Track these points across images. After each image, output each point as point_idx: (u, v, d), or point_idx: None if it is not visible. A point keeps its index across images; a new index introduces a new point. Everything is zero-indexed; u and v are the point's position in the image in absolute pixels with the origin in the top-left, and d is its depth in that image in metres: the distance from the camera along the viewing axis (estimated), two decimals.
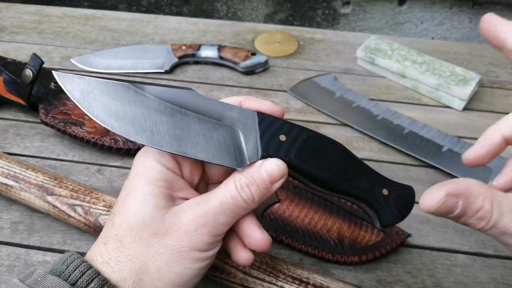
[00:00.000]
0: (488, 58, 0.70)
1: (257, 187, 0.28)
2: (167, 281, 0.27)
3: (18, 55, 0.65)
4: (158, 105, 0.28)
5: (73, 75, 0.27)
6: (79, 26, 0.73)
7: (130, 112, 0.27)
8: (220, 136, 0.28)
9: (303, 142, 0.29)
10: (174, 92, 0.28)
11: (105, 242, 0.28)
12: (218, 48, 0.65)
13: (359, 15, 1.06)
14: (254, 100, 0.31)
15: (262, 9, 1.08)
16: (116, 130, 0.27)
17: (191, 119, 0.28)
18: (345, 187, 0.30)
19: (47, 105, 0.53)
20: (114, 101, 0.27)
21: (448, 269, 0.41)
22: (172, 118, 0.28)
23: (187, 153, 0.27)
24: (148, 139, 0.27)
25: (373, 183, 0.30)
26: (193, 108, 0.28)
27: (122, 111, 0.27)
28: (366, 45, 0.67)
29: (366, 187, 0.30)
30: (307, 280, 0.35)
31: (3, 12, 0.75)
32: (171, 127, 0.27)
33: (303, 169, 0.29)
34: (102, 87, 0.27)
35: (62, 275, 0.27)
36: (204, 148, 0.28)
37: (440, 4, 1.01)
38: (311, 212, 0.43)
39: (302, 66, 0.67)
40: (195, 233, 0.27)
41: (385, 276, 0.41)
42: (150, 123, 0.27)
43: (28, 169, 0.42)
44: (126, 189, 0.29)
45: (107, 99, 0.27)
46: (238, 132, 0.29)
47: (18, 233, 0.43)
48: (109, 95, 0.27)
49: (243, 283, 0.35)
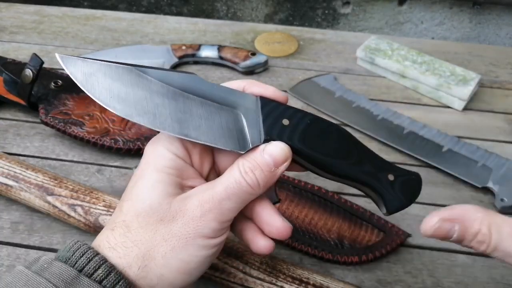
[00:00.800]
0: (488, 58, 0.70)
1: (261, 171, 0.27)
2: (172, 268, 0.27)
3: (18, 55, 0.65)
4: (160, 88, 0.28)
5: (76, 57, 0.27)
6: (79, 26, 0.73)
7: (132, 94, 0.27)
8: (223, 119, 0.28)
9: (306, 126, 0.29)
10: (177, 76, 0.29)
11: (113, 228, 0.28)
12: (218, 48, 0.65)
13: (359, 15, 1.06)
14: (258, 85, 0.30)
15: (262, 9, 1.08)
16: (118, 112, 0.27)
17: (193, 103, 0.28)
18: (349, 171, 0.30)
19: (47, 105, 0.52)
20: (116, 84, 0.27)
21: (448, 269, 0.41)
22: (174, 101, 0.28)
23: (189, 136, 0.27)
24: (150, 121, 0.27)
25: (377, 168, 0.30)
26: (196, 92, 0.28)
27: (125, 93, 0.27)
28: (366, 45, 0.67)
29: (371, 171, 0.30)
30: (307, 280, 0.35)
31: (3, 12, 0.75)
32: (173, 110, 0.28)
33: (306, 153, 0.28)
34: (105, 69, 0.27)
35: (68, 262, 0.27)
36: (206, 131, 0.28)
37: (440, 4, 1.01)
38: (311, 212, 0.43)
39: (302, 66, 0.67)
40: (201, 219, 0.27)
41: (385, 276, 0.41)
42: (152, 106, 0.27)
43: (28, 169, 0.42)
44: (135, 176, 0.29)
45: (109, 81, 0.27)
46: (240, 116, 0.29)
47: (18, 233, 0.43)
48: (112, 77, 0.27)
49: (243, 283, 0.35)
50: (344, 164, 0.29)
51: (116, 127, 0.51)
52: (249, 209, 0.30)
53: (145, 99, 0.27)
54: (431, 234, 0.26)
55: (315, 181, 0.47)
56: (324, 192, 0.45)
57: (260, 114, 0.29)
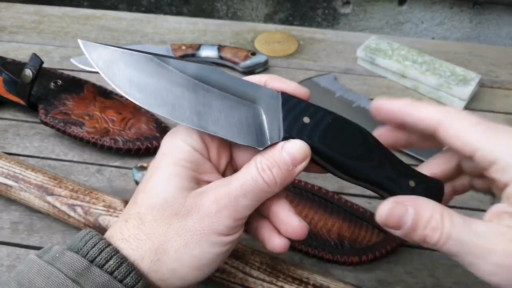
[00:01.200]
0: (488, 58, 0.70)
1: (278, 169, 0.27)
2: (184, 263, 0.27)
3: (18, 55, 0.65)
4: (180, 79, 0.28)
5: (98, 44, 0.27)
6: (79, 26, 0.73)
7: (152, 84, 0.27)
8: (242, 114, 0.28)
9: (327, 125, 0.28)
10: (198, 67, 0.28)
11: (126, 219, 0.28)
12: (218, 48, 0.65)
13: (359, 15, 1.06)
14: (280, 80, 0.30)
15: (262, 9, 1.08)
16: (138, 101, 0.27)
17: (213, 95, 0.28)
18: (369, 175, 0.28)
19: (47, 105, 0.52)
20: (137, 73, 0.27)
21: (448, 269, 0.41)
22: (194, 93, 0.27)
23: (207, 129, 0.27)
24: (169, 112, 0.27)
25: (399, 173, 0.29)
26: (217, 84, 0.28)
27: (145, 83, 0.27)
28: (366, 45, 0.67)
29: (392, 176, 0.29)
30: (307, 280, 0.35)
31: (2, 12, 0.75)
32: (193, 102, 0.27)
33: (326, 153, 0.28)
34: (126, 58, 0.27)
35: (80, 252, 0.26)
36: (225, 125, 0.27)
37: (440, 4, 1.01)
38: (311, 212, 0.43)
39: (302, 66, 0.67)
40: (216, 215, 0.27)
41: (385, 276, 0.41)
42: (172, 97, 0.27)
43: (28, 169, 0.42)
44: (151, 169, 0.29)
45: (130, 70, 0.27)
46: (260, 111, 0.28)
47: (18, 233, 0.43)
48: (133, 66, 0.27)
49: (243, 283, 0.35)
50: (364, 167, 0.28)
51: (116, 127, 0.51)
52: (266, 208, 0.30)
53: (165, 89, 0.27)
54: (384, 219, 0.26)
55: (315, 181, 0.47)
56: (324, 192, 0.45)
57: (281, 111, 0.28)
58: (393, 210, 0.26)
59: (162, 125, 0.53)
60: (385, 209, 0.26)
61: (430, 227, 0.25)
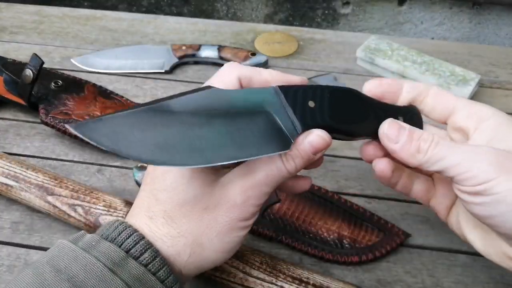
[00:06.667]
0: (488, 58, 0.70)
1: (301, 158, 0.29)
2: (217, 249, 0.29)
3: (18, 55, 0.65)
4: (191, 118, 0.26)
5: (88, 121, 0.24)
6: (79, 26, 0.73)
7: (168, 135, 0.25)
8: (259, 126, 0.28)
9: (329, 102, 0.30)
10: (198, 98, 0.27)
11: (151, 216, 0.29)
12: (218, 48, 0.65)
13: (359, 15, 1.06)
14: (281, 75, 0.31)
15: (262, 9, 1.08)
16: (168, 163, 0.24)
17: (225, 121, 0.27)
18: (369, 128, 0.31)
19: (48, 105, 0.53)
20: (147, 131, 0.24)
21: (448, 269, 0.41)
22: (210, 127, 0.26)
23: (238, 157, 0.26)
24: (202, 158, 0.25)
25: (389, 114, 0.32)
26: (222, 107, 0.27)
27: (161, 138, 0.24)
28: (366, 45, 0.67)
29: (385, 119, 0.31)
30: (307, 280, 0.35)
31: (3, 12, 0.75)
32: (215, 136, 0.26)
33: (336, 126, 0.30)
34: (126, 121, 0.24)
35: (114, 242, 0.27)
36: (250, 144, 0.27)
37: (440, 4, 1.01)
38: (311, 212, 0.43)
39: (302, 66, 0.67)
40: (243, 205, 0.28)
41: (385, 276, 0.41)
42: (193, 139, 0.25)
43: (29, 169, 0.42)
44: None
45: (137, 132, 0.24)
46: (271, 114, 0.28)
47: (19, 233, 0.43)
48: (138, 126, 0.24)
49: (243, 283, 0.35)
50: (365, 124, 0.31)
51: None
52: None
53: (183, 134, 0.25)
54: (386, 128, 0.30)
55: (315, 181, 0.47)
56: (324, 192, 0.45)
57: (288, 106, 0.29)
58: (392, 123, 0.30)
59: None
60: (387, 122, 0.30)
61: (423, 138, 0.29)
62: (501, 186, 0.26)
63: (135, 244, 0.27)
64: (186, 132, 0.25)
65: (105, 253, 0.26)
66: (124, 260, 0.26)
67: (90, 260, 0.25)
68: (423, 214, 0.46)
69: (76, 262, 0.25)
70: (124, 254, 0.26)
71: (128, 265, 0.26)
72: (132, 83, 0.62)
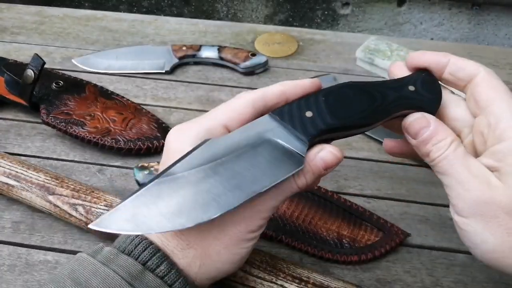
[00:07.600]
0: (487, 58, 0.70)
1: (312, 173, 0.28)
2: (226, 261, 0.29)
3: (20, 56, 0.65)
4: (197, 174, 0.26)
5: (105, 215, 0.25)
6: (80, 26, 0.73)
7: (182, 200, 0.26)
8: (265, 156, 0.27)
9: (325, 105, 0.29)
10: (198, 154, 0.27)
11: None
12: (218, 49, 0.65)
13: (358, 16, 1.06)
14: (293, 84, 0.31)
15: (262, 10, 1.08)
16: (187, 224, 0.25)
17: (232, 164, 0.27)
18: (383, 114, 0.30)
19: (49, 105, 0.53)
20: (159, 204, 0.25)
21: (447, 268, 0.42)
22: (217, 176, 0.26)
23: (254, 191, 0.26)
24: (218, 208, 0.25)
25: (397, 89, 0.31)
26: (225, 152, 0.27)
27: (175, 205, 0.25)
28: (366, 46, 0.67)
29: (395, 97, 0.30)
30: (307, 279, 0.36)
31: (4, 13, 0.75)
32: (224, 182, 0.26)
33: (343, 124, 0.29)
34: (139, 202, 0.26)
35: (131, 255, 0.28)
36: (263, 177, 0.27)
37: (439, 5, 1.01)
38: (311, 212, 0.44)
39: (301, 66, 0.67)
40: (250, 218, 0.28)
41: (384, 275, 0.41)
42: (203, 194, 0.26)
43: (30, 169, 0.43)
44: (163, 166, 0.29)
45: (152, 207, 0.25)
46: (273, 140, 0.28)
47: (19, 233, 0.43)
48: (150, 201, 0.25)
49: (243, 282, 0.35)
50: (377, 108, 0.30)
51: (117, 127, 0.52)
52: None
53: (194, 193, 0.26)
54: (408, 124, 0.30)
55: None
56: (324, 191, 0.45)
57: (286, 124, 0.28)
58: (419, 120, 0.29)
59: (163, 125, 0.54)
60: (413, 117, 0.30)
61: (437, 146, 0.28)
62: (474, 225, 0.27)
63: (151, 257, 0.28)
64: (195, 190, 0.26)
65: (123, 267, 0.27)
66: (142, 273, 0.27)
67: (109, 274, 0.26)
68: (422, 213, 0.46)
69: (95, 276, 0.26)
70: (141, 267, 0.27)
71: (146, 278, 0.27)
72: (132, 83, 0.62)
